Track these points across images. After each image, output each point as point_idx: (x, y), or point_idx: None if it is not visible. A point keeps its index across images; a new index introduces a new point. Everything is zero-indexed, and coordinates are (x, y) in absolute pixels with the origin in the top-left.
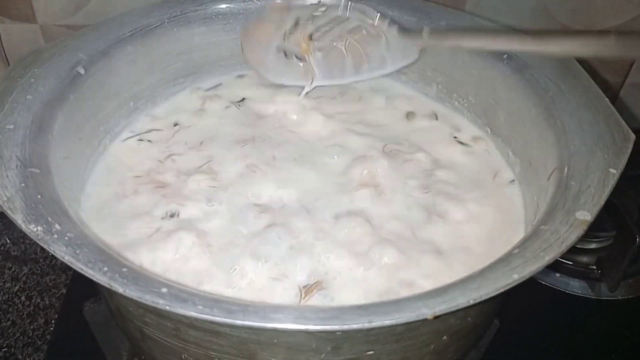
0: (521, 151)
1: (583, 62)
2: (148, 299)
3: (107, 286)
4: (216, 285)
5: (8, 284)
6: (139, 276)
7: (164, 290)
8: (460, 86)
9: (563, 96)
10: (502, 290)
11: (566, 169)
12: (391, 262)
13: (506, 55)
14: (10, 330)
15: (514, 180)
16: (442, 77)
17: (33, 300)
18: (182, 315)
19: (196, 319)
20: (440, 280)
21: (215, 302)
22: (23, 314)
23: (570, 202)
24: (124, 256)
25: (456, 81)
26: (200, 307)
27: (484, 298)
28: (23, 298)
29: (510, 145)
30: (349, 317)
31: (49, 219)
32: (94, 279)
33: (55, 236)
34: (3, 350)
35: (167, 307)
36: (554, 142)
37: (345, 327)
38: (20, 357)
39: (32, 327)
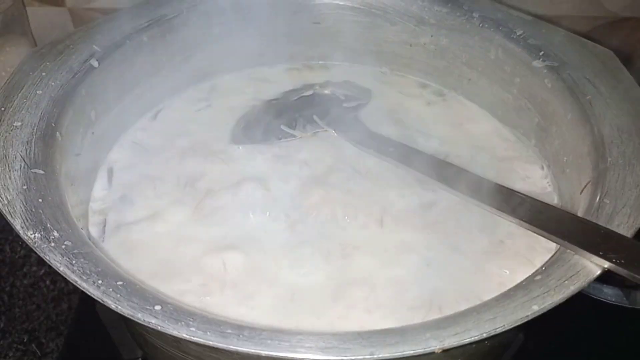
0: (554, 158)
1: (625, 57)
2: (140, 317)
3: (100, 301)
4: None
5: (34, 268)
6: (133, 291)
7: (158, 308)
8: (492, 82)
9: (602, 100)
10: (519, 323)
11: (600, 183)
12: None
13: (542, 52)
14: (35, 314)
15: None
16: (473, 72)
17: (57, 285)
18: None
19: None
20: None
21: (210, 323)
22: (48, 298)
23: (602, 223)
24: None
25: (488, 78)
26: (193, 328)
27: (499, 331)
28: (48, 282)
29: (542, 151)
30: (350, 348)
31: (48, 225)
32: (87, 293)
33: (52, 244)
34: (28, 333)
35: (159, 328)
36: (590, 152)
37: (345, 359)
38: (43, 340)
39: (55, 311)
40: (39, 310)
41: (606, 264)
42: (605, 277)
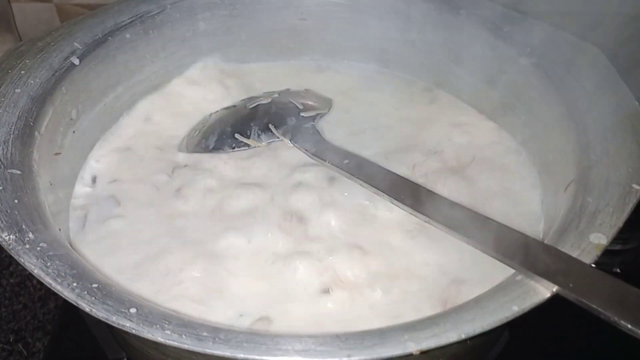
0: (539, 155)
1: (612, 55)
2: (115, 320)
3: (75, 304)
4: None
5: (20, 267)
6: (108, 294)
7: (133, 310)
8: (479, 79)
9: (588, 98)
10: (498, 324)
11: (584, 181)
12: None
13: (529, 49)
14: (21, 313)
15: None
16: (459, 69)
17: (44, 284)
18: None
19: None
20: None
21: (186, 326)
22: (34, 297)
23: (585, 222)
24: None
25: (474, 75)
26: (168, 332)
27: (477, 332)
28: (35, 281)
29: (528, 148)
30: (327, 350)
31: (23, 226)
32: (62, 296)
33: (27, 246)
34: (14, 332)
35: (134, 331)
36: (574, 150)
37: None
38: (30, 340)
39: (42, 311)
40: (26, 310)
41: (554, 288)
42: None
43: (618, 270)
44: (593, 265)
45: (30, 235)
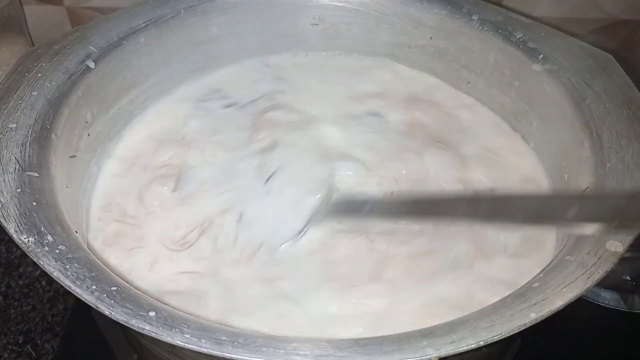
0: (553, 163)
1: (624, 61)
2: (134, 324)
3: (94, 307)
4: None
5: (30, 268)
6: (127, 297)
7: (152, 314)
8: (491, 85)
9: (601, 104)
10: (516, 331)
11: (599, 189)
12: None
13: (542, 56)
14: (30, 315)
15: None
16: (472, 75)
17: (53, 285)
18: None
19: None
20: None
21: (205, 330)
22: (43, 299)
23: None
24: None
25: (486, 81)
26: (187, 335)
27: (496, 339)
28: (44, 283)
29: (541, 155)
30: (346, 356)
31: (42, 228)
32: (81, 298)
33: (46, 249)
34: (23, 334)
35: (153, 334)
36: (589, 157)
37: None
38: (39, 342)
39: (51, 312)
40: (35, 311)
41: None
42: (603, 282)
43: (628, 278)
44: None
45: (49, 237)
